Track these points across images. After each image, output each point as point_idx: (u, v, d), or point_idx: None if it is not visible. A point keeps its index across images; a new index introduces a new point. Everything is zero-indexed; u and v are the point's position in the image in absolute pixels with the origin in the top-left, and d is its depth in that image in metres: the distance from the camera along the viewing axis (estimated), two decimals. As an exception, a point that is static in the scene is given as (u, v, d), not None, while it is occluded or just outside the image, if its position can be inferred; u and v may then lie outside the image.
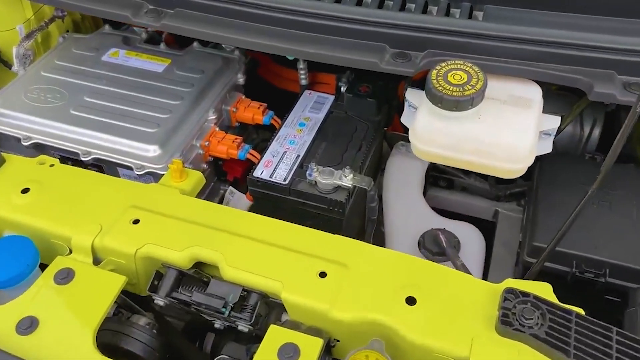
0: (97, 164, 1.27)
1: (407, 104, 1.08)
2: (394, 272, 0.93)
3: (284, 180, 1.18)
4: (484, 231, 1.38)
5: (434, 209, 1.37)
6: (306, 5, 1.11)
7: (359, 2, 1.14)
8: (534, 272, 0.98)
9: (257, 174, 1.20)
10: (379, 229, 1.45)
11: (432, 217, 1.30)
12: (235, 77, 1.45)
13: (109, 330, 0.98)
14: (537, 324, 0.84)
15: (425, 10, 1.09)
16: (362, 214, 1.33)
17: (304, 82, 1.52)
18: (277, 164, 1.22)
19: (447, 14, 1.08)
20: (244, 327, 0.93)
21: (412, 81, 1.18)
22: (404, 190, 1.35)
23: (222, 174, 1.45)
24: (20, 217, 1.05)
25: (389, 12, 1.09)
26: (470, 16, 1.07)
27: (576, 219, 0.91)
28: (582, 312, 0.87)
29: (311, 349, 0.84)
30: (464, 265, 1.14)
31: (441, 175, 1.47)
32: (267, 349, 0.85)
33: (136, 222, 1.02)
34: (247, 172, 1.46)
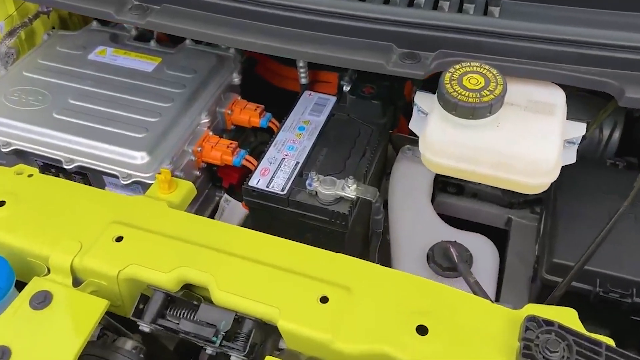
0: (82, 172, 1.19)
1: (416, 109, 0.99)
2: (402, 297, 0.84)
3: (282, 190, 1.10)
4: (495, 239, 1.30)
5: (441, 216, 1.28)
6: (305, 1, 1.01)
7: (363, -3, 1.04)
8: (556, 296, 0.89)
9: (252, 183, 1.11)
10: (384, 237, 1.36)
11: (442, 228, 1.21)
12: (230, 77, 1.36)
13: (92, 355, 0.90)
14: (563, 357, 0.75)
15: (435, 6, 0.99)
16: (366, 225, 1.24)
17: (304, 80, 1.43)
18: (274, 172, 1.13)
19: (460, 10, 0.99)
20: (237, 357, 0.84)
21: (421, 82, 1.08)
22: (411, 198, 1.26)
23: (217, 179, 1.36)
24: (-7, 233, 0.96)
25: (395, 8, 0.99)
26: (485, 12, 0.97)
27: (606, 237, 0.82)
28: (612, 342, 0.79)
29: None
30: (477, 282, 1.05)
31: (450, 180, 1.38)
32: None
33: (119, 239, 0.93)
34: (243, 178, 1.38)
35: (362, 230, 1.23)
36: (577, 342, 0.76)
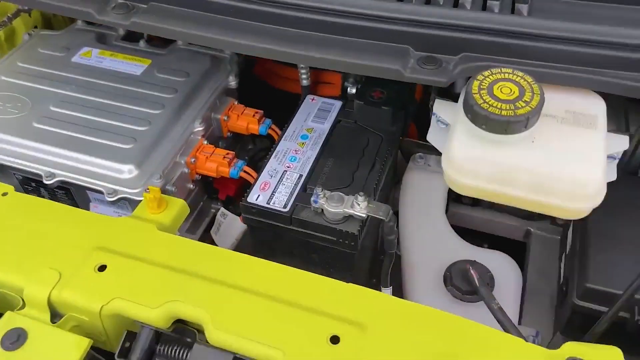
0: (64, 186, 1.08)
1: (434, 119, 0.89)
2: (425, 336, 0.74)
3: (284, 207, 0.99)
4: (510, 251, 1.20)
5: (454, 227, 1.18)
6: (310, -2, 0.90)
7: (375, -6, 0.92)
8: (597, 333, 0.79)
9: (252, 199, 1.01)
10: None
11: (459, 245, 1.11)
12: (226, 80, 1.25)
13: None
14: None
15: (456, 3, 0.88)
16: (374, 242, 1.14)
17: (305, 82, 1.33)
18: (275, 186, 1.03)
19: (484, 8, 0.87)
20: (236, 406, 0.74)
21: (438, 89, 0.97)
22: (424, 212, 1.15)
23: (212, 191, 1.26)
24: (-39, 261, 0.86)
25: (412, 6, 0.87)
26: (512, 11, 0.86)
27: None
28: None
29: None
30: (501, 309, 0.94)
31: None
32: None
33: (102, 268, 0.83)
34: (241, 190, 1.28)
35: (370, 247, 1.13)
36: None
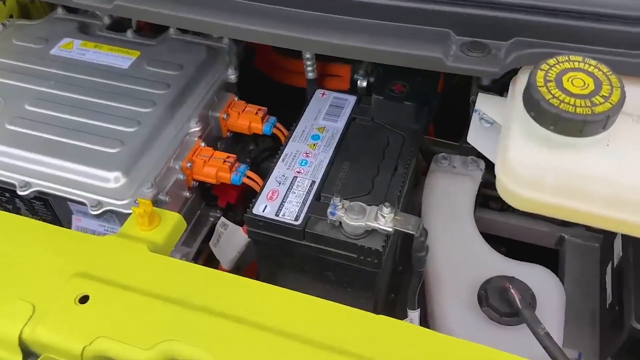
0: (42, 197, 0.94)
1: (477, 117, 0.75)
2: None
3: (296, 219, 0.86)
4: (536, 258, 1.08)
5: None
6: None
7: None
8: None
9: (258, 211, 0.87)
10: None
11: (492, 258, 0.98)
12: (224, 73, 1.11)
13: None
14: None
15: (507, -24, 0.74)
16: (394, 253, 1.01)
17: (311, 75, 1.20)
18: (285, 195, 0.89)
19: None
20: None
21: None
22: (451, 219, 1.02)
23: (211, 198, 1.12)
24: None
25: (452, -19, 0.73)
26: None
27: None
28: None
29: None
30: (548, 334, 0.82)
31: (493, 194, 1.15)
32: None
33: (84, 299, 0.70)
34: (243, 196, 1.15)
35: (391, 262, 1.00)
36: None
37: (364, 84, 1.14)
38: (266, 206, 0.88)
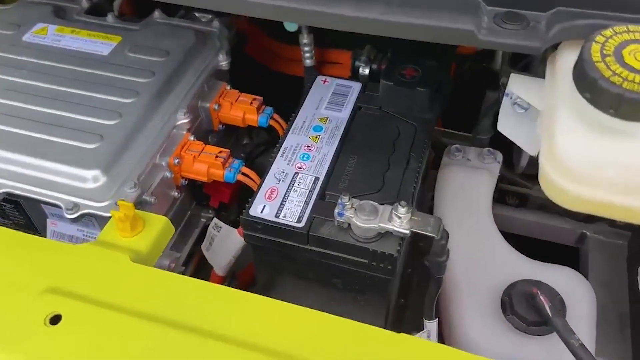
0: (13, 199, 0.84)
1: (509, 101, 0.66)
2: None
3: (299, 221, 0.76)
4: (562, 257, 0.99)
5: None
6: None
7: None
8: None
9: (255, 212, 0.78)
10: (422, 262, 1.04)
11: (515, 260, 0.89)
12: (215, 59, 1.01)
13: None
14: None
15: None
16: (404, 258, 0.91)
17: (309, 62, 1.11)
18: (285, 194, 0.79)
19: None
20: None
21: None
22: (468, 217, 0.93)
23: (202, 197, 1.02)
24: None
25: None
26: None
27: None
28: None
29: None
30: (583, 346, 0.73)
31: (510, 189, 1.06)
32: None
33: (56, 320, 0.60)
34: (237, 195, 1.05)
35: (402, 264, 0.90)
36: None
37: (366, 72, 1.05)
38: (264, 206, 0.78)
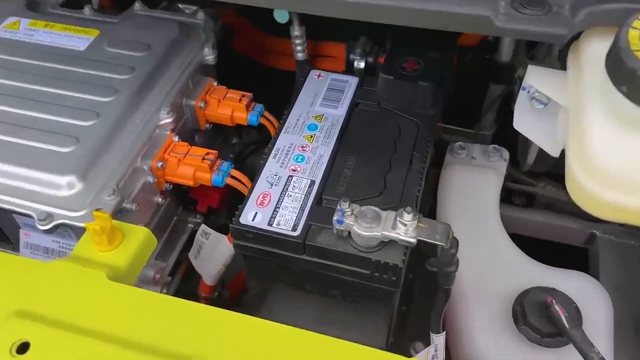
0: (-20, 208, 0.77)
1: (526, 96, 0.60)
2: None
3: (294, 229, 0.70)
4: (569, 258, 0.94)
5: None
6: None
7: None
8: None
9: (246, 220, 0.71)
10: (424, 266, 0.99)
11: (526, 266, 0.83)
12: (200, 53, 0.94)
13: None
14: None
15: None
16: (409, 269, 0.85)
17: (301, 55, 1.05)
18: (278, 199, 0.73)
19: None
20: None
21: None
22: (475, 222, 0.87)
23: (189, 201, 0.96)
24: None
25: None
26: None
27: None
28: None
29: None
30: (603, 359, 0.67)
31: (516, 187, 1.00)
32: None
33: (23, 348, 0.53)
34: (227, 198, 0.98)
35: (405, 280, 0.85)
36: None
37: (362, 65, 0.99)
38: (256, 213, 0.72)
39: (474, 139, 1.05)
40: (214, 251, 0.91)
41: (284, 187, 0.74)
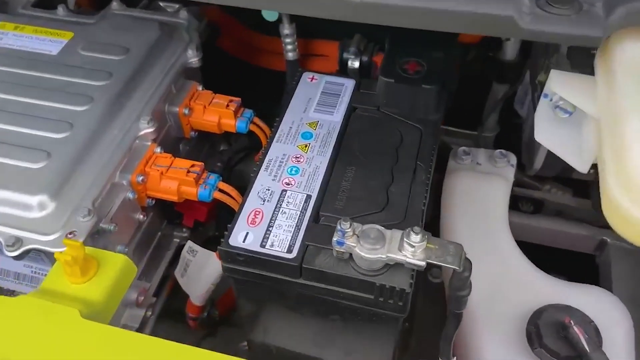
0: (-57, 231, 0.70)
1: (549, 104, 0.54)
2: None
3: (289, 251, 0.63)
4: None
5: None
6: None
7: None
8: None
9: (236, 241, 0.65)
10: (427, 277, 0.93)
11: (539, 281, 0.77)
12: (184, 55, 0.88)
13: None
14: None
15: None
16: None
17: (292, 55, 0.99)
18: (271, 216, 0.67)
19: None
20: None
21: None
22: (482, 234, 0.81)
23: (174, 215, 0.89)
24: None
25: None
26: None
27: None
28: None
29: None
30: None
31: (523, 193, 0.94)
32: None
33: (-17, 402, 0.46)
34: (215, 211, 0.92)
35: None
36: None
37: (356, 65, 0.92)
38: (247, 233, 0.65)
39: (476, 141, 0.99)
40: (201, 270, 0.85)
41: (278, 203, 0.68)
